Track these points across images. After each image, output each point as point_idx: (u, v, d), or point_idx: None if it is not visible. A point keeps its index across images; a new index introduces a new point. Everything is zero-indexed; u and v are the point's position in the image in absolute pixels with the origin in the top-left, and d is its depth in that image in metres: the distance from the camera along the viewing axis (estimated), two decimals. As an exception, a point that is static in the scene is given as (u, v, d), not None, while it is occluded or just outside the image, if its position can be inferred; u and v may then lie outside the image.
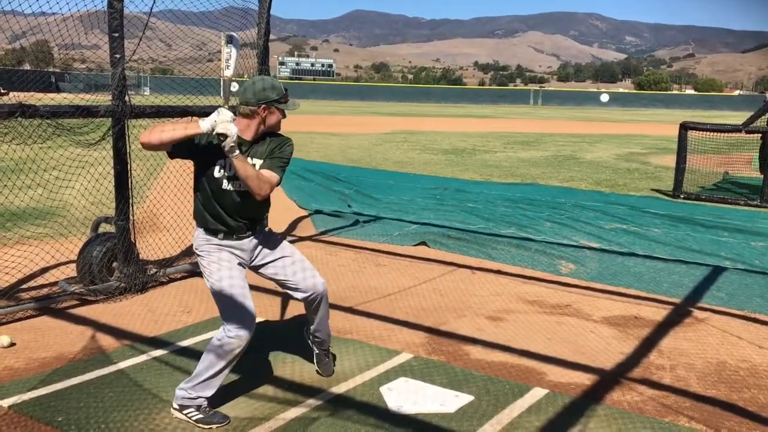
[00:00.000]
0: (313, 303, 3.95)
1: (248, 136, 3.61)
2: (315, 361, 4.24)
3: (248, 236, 3.74)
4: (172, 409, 3.63)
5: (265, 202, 3.71)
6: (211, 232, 3.68)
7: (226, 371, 3.61)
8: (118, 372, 4.15)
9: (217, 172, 3.58)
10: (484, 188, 12.19)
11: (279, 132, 3.75)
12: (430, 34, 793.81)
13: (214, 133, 3.31)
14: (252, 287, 5.89)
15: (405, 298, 5.87)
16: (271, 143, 3.67)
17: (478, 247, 7.68)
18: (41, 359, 4.34)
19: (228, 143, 3.32)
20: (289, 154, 3.70)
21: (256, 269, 3.87)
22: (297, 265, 3.89)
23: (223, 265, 3.67)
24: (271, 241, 3.87)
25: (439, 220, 9.12)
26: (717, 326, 5.32)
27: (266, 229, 3.91)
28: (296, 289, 3.89)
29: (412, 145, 20.95)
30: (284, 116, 3.70)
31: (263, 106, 3.56)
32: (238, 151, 3.38)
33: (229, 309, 3.61)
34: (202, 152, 3.56)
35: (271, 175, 3.56)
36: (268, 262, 3.85)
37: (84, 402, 3.75)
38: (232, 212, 3.64)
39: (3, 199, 5.54)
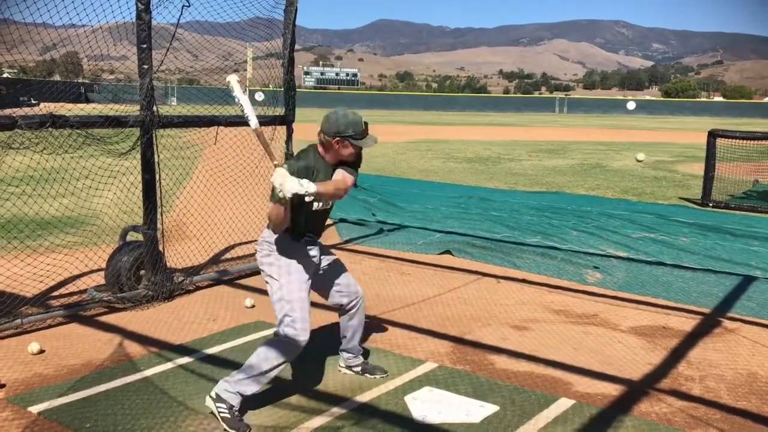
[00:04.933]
0: (354, 308, 4.21)
1: (330, 159, 3.88)
2: (366, 373, 4.32)
3: (316, 243, 4.03)
4: (207, 396, 3.68)
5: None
6: (297, 235, 3.87)
7: (276, 372, 3.73)
8: (144, 379, 4.19)
9: (308, 198, 3.64)
10: (509, 197, 12.13)
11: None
12: (454, 42, 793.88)
13: (289, 196, 3.41)
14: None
15: (429, 307, 5.85)
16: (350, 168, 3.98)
17: (503, 256, 7.64)
18: (70, 366, 4.39)
19: (308, 197, 3.45)
20: (356, 170, 3.99)
21: (314, 279, 4.03)
22: (344, 272, 4.20)
23: (301, 272, 3.84)
24: (324, 250, 4.17)
25: (464, 228, 9.09)
26: (747, 337, 5.23)
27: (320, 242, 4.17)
28: (343, 294, 4.16)
29: (437, 154, 20.94)
30: (359, 149, 3.91)
31: (337, 139, 3.79)
32: (315, 190, 3.45)
33: (293, 316, 3.73)
34: None
35: (345, 176, 3.87)
36: (326, 269, 4.11)
37: (111, 409, 3.79)
38: (313, 223, 3.93)
39: (38, 208, 5.64)
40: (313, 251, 3.99)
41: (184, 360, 4.51)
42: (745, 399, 4.13)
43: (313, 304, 3.97)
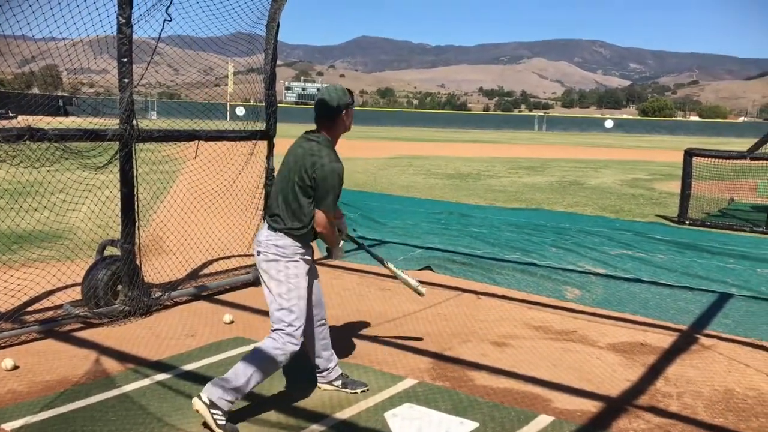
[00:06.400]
0: (321, 324, 4.23)
1: (336, 140, 3.97)
2: (346, 389, 4.30)
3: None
4: (196, 400, 3.60)
5: None
6: (309, 246, 3.95)
7: (265, 379, 3.82)
8: (122, 396, 4.14)
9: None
10: (488, 213, 12.19)
11: None
12: (435, 60, 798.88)
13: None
14: (257, 311, 5.89)
15: (409, 323, 5.84)
16: None
17: (483, 272, 7.66)
18: (45, 382, 4.32)
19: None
20: None
21: None
22: (319, 285, 4.23)
23: (307, 281, 3.93)
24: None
25: (444, 244, 9.11)
26: (724, 353, 5.28)
27: None
28: (320, 317, 4.23)
29: (417, 170, 21.01)
30: None
31: (344, 111, 3.93)
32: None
33: (292, 323, 3.81)
34: None
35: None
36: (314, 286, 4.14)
37: (87, 426, 3.73)
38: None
39: (9, 221, 5.56)
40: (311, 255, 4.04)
41: (162, 376, 4.46)
42: (721, 416, 4.17)
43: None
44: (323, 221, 3.83)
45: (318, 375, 4.32)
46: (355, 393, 4.27)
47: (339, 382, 4.31)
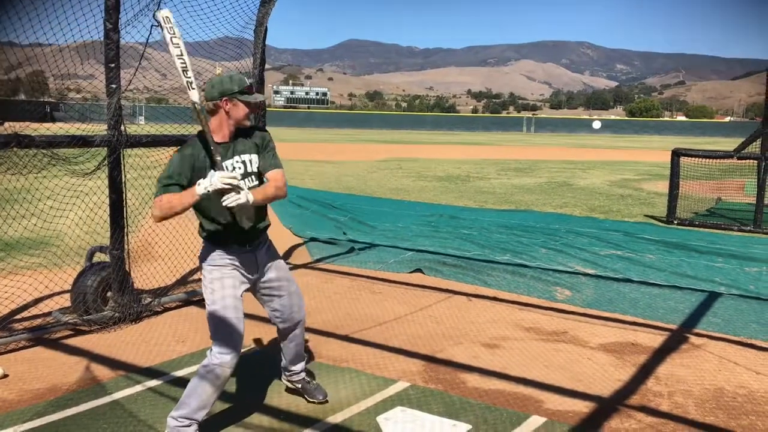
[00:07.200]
0: (291, 332, 4.05)
1: (224, 136, 3.60)
2: (306, 395, 4.19)
3: (256, 246, 3.73)
4: None
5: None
6: (222, 244, 3.63)
7: (215, 396, 3.58)
8: (112, 403, 4.12)
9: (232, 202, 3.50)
10: (478, 215, 12.22)
11: (251, 126, 3.74)
12: (423, 62, 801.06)
13: (211, 191, 3.32)
14: (247, 315, 5.85)
15: (401, 326, 5.84)
16: (254, 137, 3.70)
17: (473, 274, 7.67)
18: (35, 391, 4.29)
19: (235, 193, 3.35)
20: (273, 144, 3.79)
21: (254, 287, 3.86)
22: (294, 295, 3.98)
23: (227, 283, 3.62)
24: (275, 262, 3.89)
25: (435, 247, 9.12)
26: (714, 352, 5.31)
27: (268, 242, 3.88)
28: (284, 319, 3.98)
29: (407, 173, 21.03)
30: (251, 110, 3.67)
31: (225, 98, 3.55)
32: (247, 192, 3.40)
33: (220, 331, 3.58)
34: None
35: (279, 173, 3.65)
36: (268, 284, 3.87)
37: (77, 434, 3.70)
38: (241, 218, 3.59)
39: (-2, 229, 5.52)
40: (252, 258, 3.72)
41: (153, 383, 4.44)
42: (712, 414, 4.19)
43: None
44: (155, 205, 3.50)
45: (283, 372, 4.26)
46: (313, 402, 4.15)
47: (300, 385, 4.21)
